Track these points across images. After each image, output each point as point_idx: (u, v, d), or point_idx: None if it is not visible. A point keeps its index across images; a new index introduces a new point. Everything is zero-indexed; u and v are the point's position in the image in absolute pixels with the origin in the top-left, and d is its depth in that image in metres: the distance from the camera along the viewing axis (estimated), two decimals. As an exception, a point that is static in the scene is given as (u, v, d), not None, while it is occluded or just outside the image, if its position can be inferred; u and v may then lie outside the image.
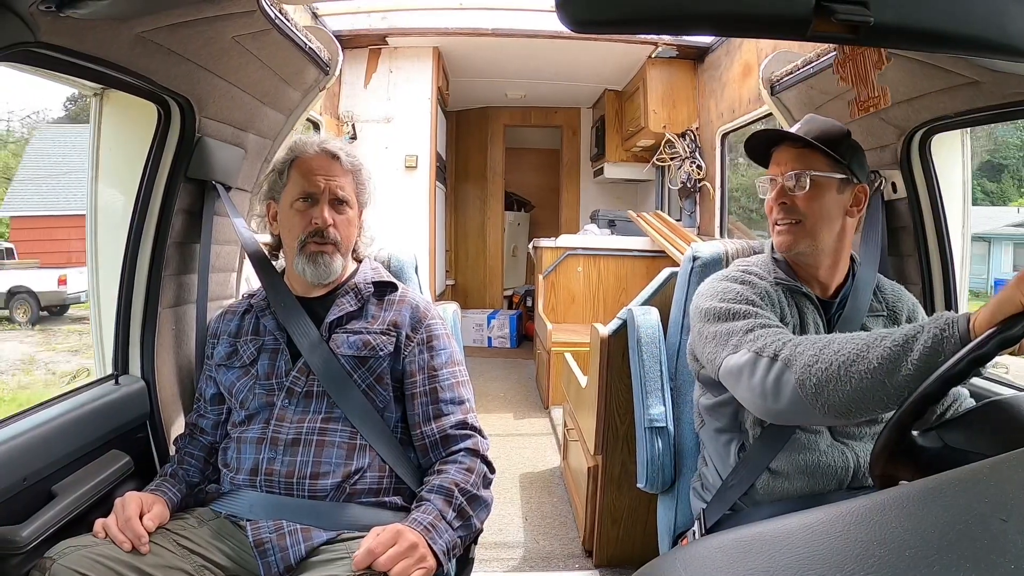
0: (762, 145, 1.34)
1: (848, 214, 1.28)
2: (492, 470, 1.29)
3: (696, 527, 1.34)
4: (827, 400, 0.95)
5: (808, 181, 1.24)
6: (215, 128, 1.52)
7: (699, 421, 1.40)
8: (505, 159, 6.46)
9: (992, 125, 1.55)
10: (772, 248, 1.34)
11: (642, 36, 4.04)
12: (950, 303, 1.63)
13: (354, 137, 4.24)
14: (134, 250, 1.47)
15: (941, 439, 0.85)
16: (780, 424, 1.19)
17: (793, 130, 1.31)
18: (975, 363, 0.78)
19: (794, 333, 1.20)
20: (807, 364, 0.98)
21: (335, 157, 1.33)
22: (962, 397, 1.25)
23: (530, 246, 5.09)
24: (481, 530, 1.27)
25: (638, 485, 1.57)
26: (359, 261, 1.43)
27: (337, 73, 1.84)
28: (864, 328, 1.27)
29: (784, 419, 1.10)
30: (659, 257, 4.20)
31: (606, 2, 0.59)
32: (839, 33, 0.59)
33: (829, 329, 1.27)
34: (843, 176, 1.26)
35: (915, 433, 0.85)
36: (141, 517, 1.13)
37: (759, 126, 3.51)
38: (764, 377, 1.05)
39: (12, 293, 9.74)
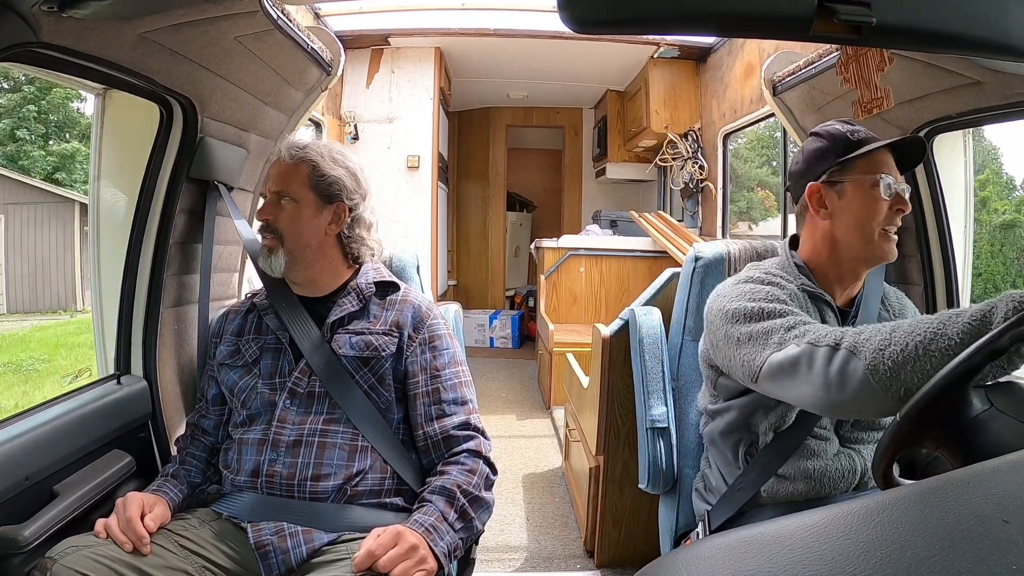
0: (844, 146, 1.23)
1: None
2: (494, 471, 1.29)
3: (700, 529, 1.34)
4: (905, 383, 0.88)
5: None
6: (217, 128, 1.52)
7: (704, 421, 1.38)
8: (507, 159, 6.46)
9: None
10: (789, 252, 1.30)
11: (644, 36, 4.04)
12: (952, 303, 1.62)
13: (356, 137, 4.25)
14: (136, 250, 1.48)
15: (990, 400, 0.80)
16: (842, 418, 1.16)
17: (867, 138, 1.23)
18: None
19: None
20: (878, 348, 0.91)
21: (279, 154, 1.34)
22: None
23: (532, 246, 5.09)
24: (482, 531, 1.27)
25: (640, 486, 1.57)
26: (357, 263, 1.39)
27: (339, 73, 1.85)
28: None
29: (849, 411, 1.02)
30: (661, 257, 4.19)
31: (608, 3, 0.59)
32: (841, 34, 0.59)
33: None
34: None
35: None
36: (142, 517, 1.13)
37: (761, 126, 3.52)
38: (825, 368, 0.96)
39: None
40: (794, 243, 1.33)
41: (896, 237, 1.22)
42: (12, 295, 7.97)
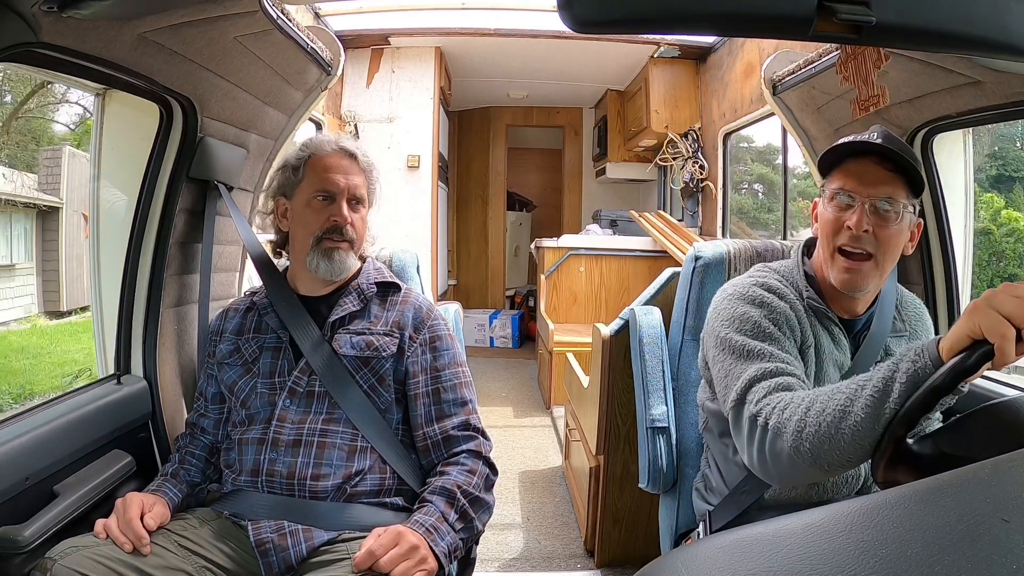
0: (835, 153, 1.15)
1: (904, 251, 1.15)
2: (495, 472, 1.29)
3: (701, 529, 1.33)
4: (826, 459, 0.92)
5: (901, 211, 1.09)
6: (217, 128, 1.52)
7: (703, 422, 1.37)
8: (507, 159, 6.46)
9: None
10: (801, 259, 1.24)
11: (644, 36, 4.04)
12: (952, 303, 1.62)
13: (356, 137, 4.25)
14: (136, 250, 1.48)
15: (937, 446, 0.85)
16: (783, 486, 1.18)
17: (872, 140, 1.10)
18: (934, 394, 0.81)
19: (815, 356, 1.16)
20: (796, 430, 0.94)
21: (352, 156, 1.34)
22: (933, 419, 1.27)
23: (532, 246, 5.09)
24: (483, 531, 1.27)
25: (640, 485, 1.57)
26: (362, 260, 1.42)
27: (339, 73, 1.84)
28: (887, 350, 1.21)
29: (788, 481, 1.11)
30: (661, 257, 4.19)
31: (608, 2, 0.59)
32: (841, 33, 0.59)
33: (855, 349, 1.21)
34: (913, 209, 1.13)
35: (910, 441, 0.85)
36: (142, 517, 1.13)
37: (761, 126, 3.52)
38: (761, 447, 1.01)
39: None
40: (808, 248, 1.27)
41: (857, 265, 1.11)
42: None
